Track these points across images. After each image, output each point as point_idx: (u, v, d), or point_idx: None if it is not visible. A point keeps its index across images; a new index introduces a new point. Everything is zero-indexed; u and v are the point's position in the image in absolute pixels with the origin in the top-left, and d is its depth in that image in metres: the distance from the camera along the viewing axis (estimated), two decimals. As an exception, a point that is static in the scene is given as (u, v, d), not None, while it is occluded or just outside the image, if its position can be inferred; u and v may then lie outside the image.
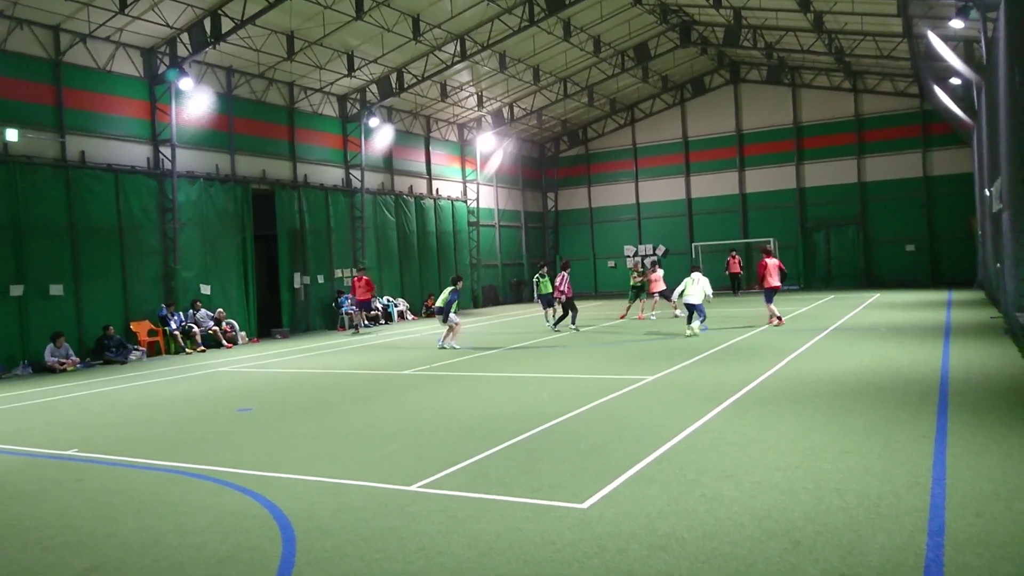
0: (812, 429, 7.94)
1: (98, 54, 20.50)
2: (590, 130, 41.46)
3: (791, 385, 10.60)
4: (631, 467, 6.77)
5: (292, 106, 26.61)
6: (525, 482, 6.53)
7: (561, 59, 30.94)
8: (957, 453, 6.74)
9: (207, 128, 23.51)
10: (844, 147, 35.85)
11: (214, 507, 6.35)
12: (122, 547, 5.50)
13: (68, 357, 18.18)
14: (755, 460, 6.85)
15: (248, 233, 24.38)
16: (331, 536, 5.46)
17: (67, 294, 19.31)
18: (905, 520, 5.17)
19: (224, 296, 23.30)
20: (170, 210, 21.88)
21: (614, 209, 41.40)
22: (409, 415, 10.04)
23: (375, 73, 27.66)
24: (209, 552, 5.29)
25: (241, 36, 22.08)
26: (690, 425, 8.34)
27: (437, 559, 4.94)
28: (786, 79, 36.44)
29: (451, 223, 34.68)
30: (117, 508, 6.51)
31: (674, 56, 34.14)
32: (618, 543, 5.03)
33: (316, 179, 27.48)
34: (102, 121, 20.66)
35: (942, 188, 33.88)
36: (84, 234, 19.84)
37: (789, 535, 5.00)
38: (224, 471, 7.48)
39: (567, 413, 9.38)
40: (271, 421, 10.12)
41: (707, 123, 38.84)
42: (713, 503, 5.71)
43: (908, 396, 9.44)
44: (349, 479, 6.94)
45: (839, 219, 35.78)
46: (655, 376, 11.94)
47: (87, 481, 7.52)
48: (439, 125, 34.36)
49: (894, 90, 34.37)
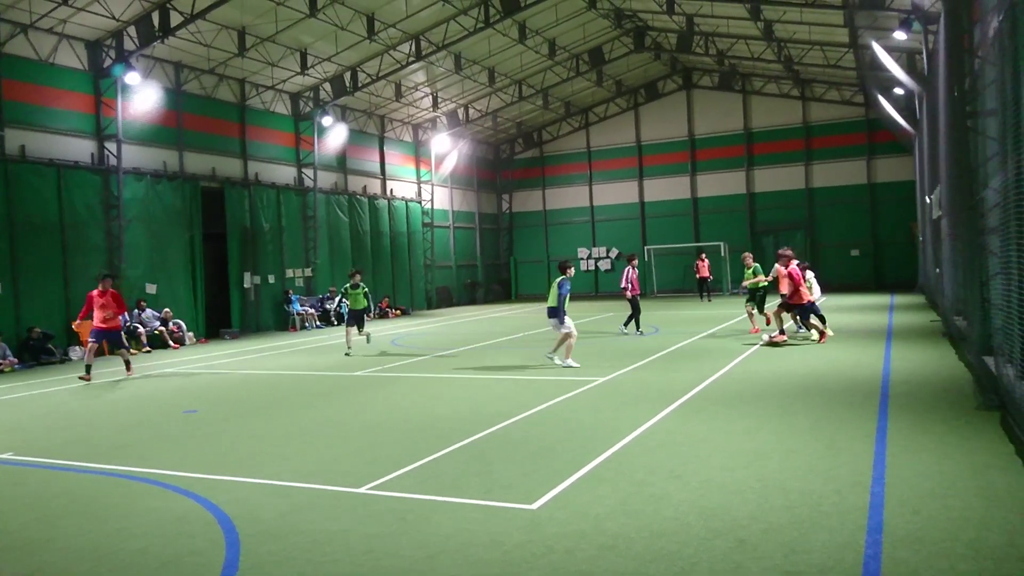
0: (759, 429, 8.08)
1: (40, 46, 19.89)
2: (545, 133, 41.63)
3: (740, 386, 10.78)
4: (581, 468, 6.81)
5: (243, 103, 26.18)
6: (476, 483, 6.52)
7: (516, 61, 31.00)
8: (896, 452, 6.92)
9: (155, 124, 22.98)
10: (792, 153, 36.61)
11: (157, 511, 6.21)
12: (60, 552, 5.34)
13: (5, 357, 17.59)
14: (703, 460, 6.94)
15: (197, 231, 23.90)
16: (277, 539, 5.38)
17: (5, 292, 18.68)
18: (847, 518, 5.29)
19: (171, 295, 22.80)
20: (115, 207, 21.33)
21: (568, 211, 41.62)
22: (360, 416, 9.95)
23: (329, 71, 27.37)
24: (151, 557, 5.17)
25: (191, 31, 21.63)
26: (640, 426, 8.42)
27: (385, 561, 4.90)
28: (737, 86, 37.08)
29: (405, 224, 34.48)
30: (56, 513, 6.32)
31: (628, 61, 34.47)
32: (567, 543, 5.05)
33: (268, 177, 27.08)
34: (44, 115, 20.05)
35: (885, 195, 34.81)
36: (23, 230, 19.21)
37: (734, 533, 5.08)
38: (168, 474, 7.31)
39: (519, 414, 9.39)
40: (218, 423, 9.94)
41: (660, 128, 39.29)
42: (661, 503, 5.77)
43: (852, 397, 9.67)
44: (297, 481, 6.85)
45: (788, 223, 36.50)
46: (607, 377, 12.04)
47: (24, 485, 7.29)
48: (394, 125, 34.14)
49: (840, 98, 35.21)
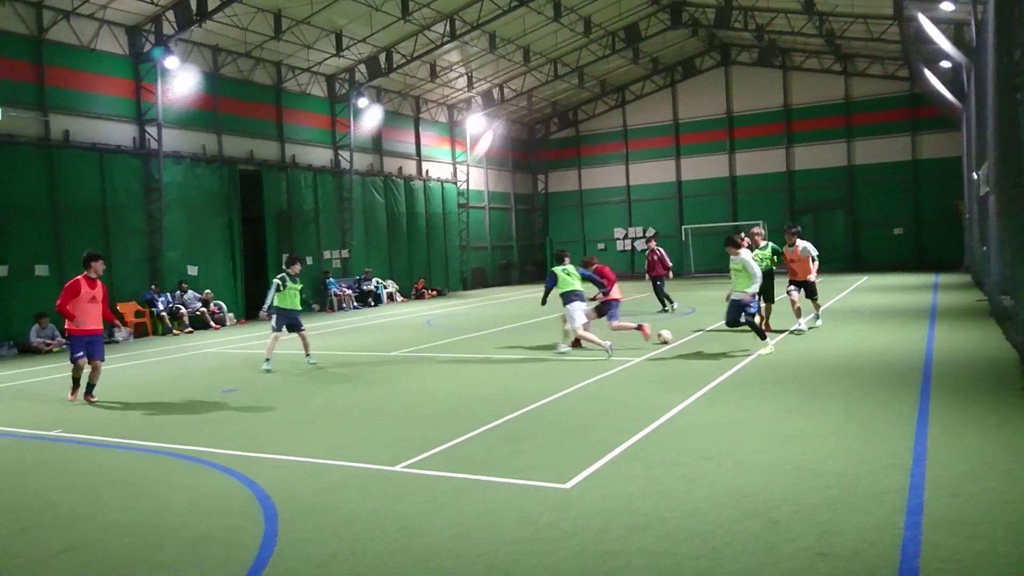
0: (794, 410, 7.98)
1: (82, 31, 20.23)
2: (580, 112, 41.30)
3: (774, 368, 10.64)
4: (613, 448, 6.79)
5: (279, 86, 26.37)
6: (508, 463, 6.54)
7: (551, 40, 30.74)
8: (936, 434, 6.79)
9: (193, 108, 23.28)
10: (833, 130, 35.87)
11: (195, 487, 6.34)
12: (101, 527, 5.48)
13: (53, 338, 18.06)
14: (736, 442, 6.88)
15: (235, 214, 24.22)
16: (313, 516, 5.46)
17: (51, 275, 19.15)
18: (883, 500, 5.20)
19: (211, 277, 23.17)
20: (156, 190, 21.69)
21: (603, 191, 41.35)
22: (394, 396, 10.03)
23: (363, 53, 27.42)
24: (189, 532, 5.28)
25: (227, 14, 21.82)
26: (673, 407, 8.37)
27: (418, 539, 4.95)
28: (776, 61, 36.36)
29: (440, 205, 34.55)
30: (98, 488, 6.49)
31: (665, 37, 33.97)
32: (598, 522, 5.05)
33: (304, 160, 27.29)
34: (86, 100, 20.42)
35: (930, 172, 33.97)
36: (68, 214, 19.66)
37: (767, 514, 5.03)
38: (207, 451, 7.46)
39: (552, 395, 9.39)
40: (255, 402, 10.10)
41: (697, 105, 38.74)
42: (693, 483, 5.74)
43: (890, 378, 9.49)
44: (332, 459, 6.94)
45: (827, 202, 35.84)
46: (640, 359, 11.97)
47: (69, 462, 7.49)
48: (428, 106, 34.14)
49: (884, 73, 34.35)
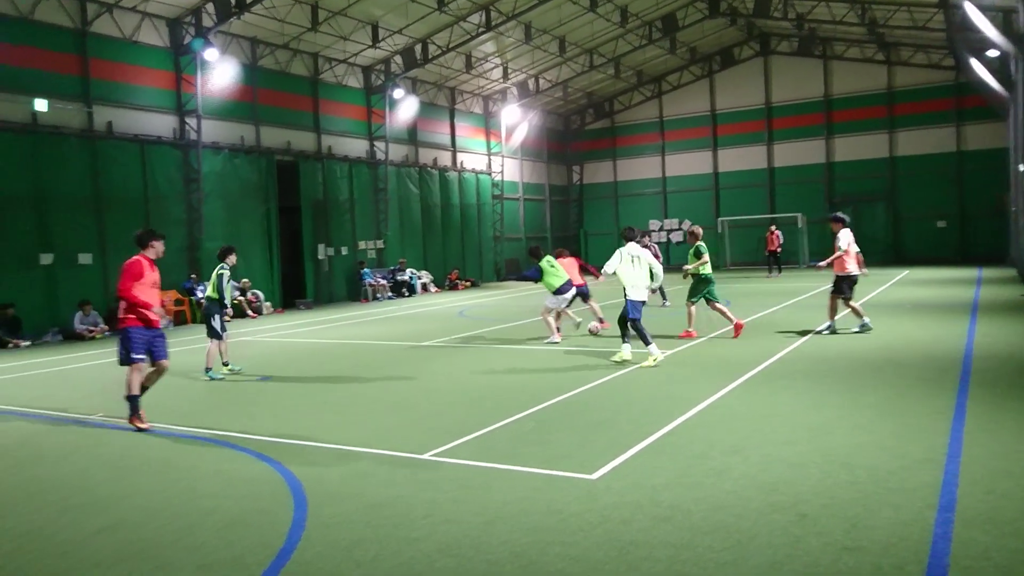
0: (825, 405, 7.88)
1: (124, 24, 20.61)
2: (616, 102, 41.02)
3: (808, 362, 10.51)
4: (640, 440, 6.77)
5: (316, 77, 26.61)
6: (535, 453, 6.56)
7: (587, 30, 30.56)
8: (973, 430, 6.65)
9: (232, 99, 23.60)
10: (875, 120, 35.17)
11: (227, 472, 6.47)
12: (136, 509, 5.62)
13: (96, 325, 18.51)
14: (765, 435, 6.81)
15: (272, 204, 24.54)
16: (341, 502, 5.53)
17: (94, 264, 19.61)
18: (915, 495, 5.12)
19: (248, 267, 23.51)
20: (195, 181, 22.06)
21: (639, 183, 41.07)
22: (424, 385, 10.11)
23: (400, 44, 27.54)
24: (221, 515, 5.39)
25: (265, 6, 22.05)
26: (702, 400, 8.31)
27: (444, 526, 4.99)
28: (817, 51, 35.72)
29: (475, 196, 34.62)
30: (134, 472, 6.65)
31: (703, 27, 33.57)
32: (623, 513, 5.04)
33: (340, 151, 27.53)
34: (128, 91, 20.82)
35: (974, 163, 33.16)
36: (110, 204, 20.10)
37: (795, 508, 4.98)
38: (240, 437, 7.60)
39: (580, 386, 9.38)
40: (288, 389, 10.25)
41: (735, 96, 38.25)
42: (720, 476, 5.70)
43: (928, 373, 9.31)
44: (362, 447, 7.02)
45: (868, 194, 35.19)
46: (673, 350, 11.89)
47: (107, 445, 7.69)
48: (464, 97, 34.19)
49: (928, 62, 33.57)
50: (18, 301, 17.71)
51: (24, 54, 18.44)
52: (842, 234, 12.92)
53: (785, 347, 11.74)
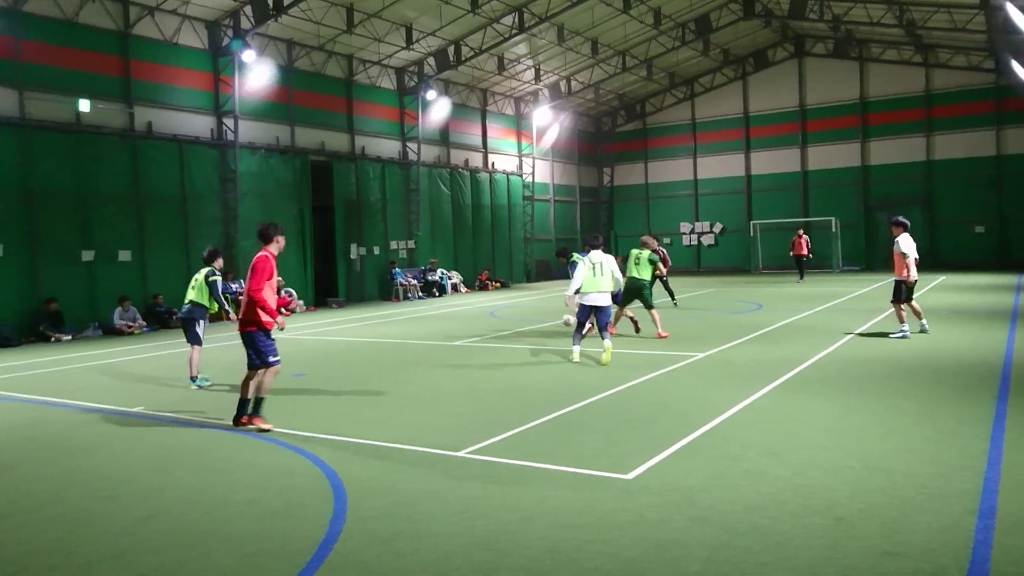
0: (862, 410, 7.82)
1: (165, 26, 20.99)
2: (648, 104, 40.87)
3: (843, 367, 10.42)
4: (675, 442, 6.78)
5: (350, 78, 26.86)
6: (569, 452, 6.60)
7: (620, 32, 30.50)
8: (1014, 437, 6.57)
9: (268, 100, 23.92)
10: (912, 124, 34.65)
11: (265, 465, 6.59)
12: (178, 499, 5.76)
13: (135, 321, 18.87)
14: (800, 438, 6.79)
15: (306, 204, 24.82)
16: (378, 496, 5.62)
17: (133, 261, 20.00)
18: (954, 501, 5.08)
19: (282, 265, 23.60)
20: (231, 180, 22.39)
21: (670, 185, 40.86)
22: (457, 384, 10.19)
23: (433, 46, 27.70)
24: (261, 506, 5.50)
25: (302, 8, 22.32)
26: (737, 403, 8.29)
27: (479, 522, 5.05)
28: (853, 53, 35.28)
29: (505, 197, 34.71)
30: (174, 463, 6.80)
31: (736, 28, 33.34)
32: (659, 513, 5.07)
33: (373, 151, 27.76)
34: (168, 92, 21.19)
35: (1015, 167, 32.51)
36: (149, 202, 20.47)
37: (832, 512, 4.97)
38: (277, 431, 7.72)
39: (614, 387, 9.40)
40: (323, 386, 10.38)
41: (769, 98, 37.92)
42: (756, 478, 5.70)
43: (966, 379, 9.20)
44: (397, 443, 7.11)
45: (904, 198, 34.65)
46: (705, 353, 11.86)
47: (148, 437, 7.86)
48: (495, 98, 34.29)
49: (967, 64, 33.01)
50: (60, 296, 18.12)
51: (69, 56, 18.87)
52: (901, 239, 12.88)
53: (820, 351, 11.65)
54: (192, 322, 10.73)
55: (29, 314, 17.79)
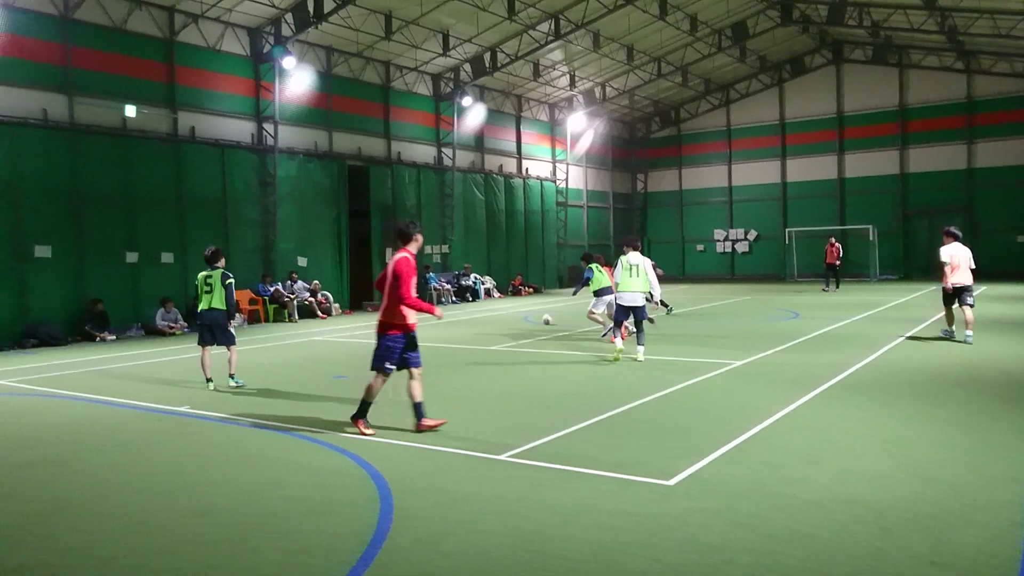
0: (906, 419, 7.76)
1: (208, 34, 21.42)
2: (683, 111, 40.73)
3: (883, 376, 10.33)
4: (715, 448, 6.79)
5: (387, 85, 27.16)
6: (610, 457, 6.64)
7: (656, 38, 30.46)
8: (1061, 450, 6.49)
9: (307, 105, 24.28)
10: (952, 131, 34.12)
11: (311, 464, 6.72)
12: (227, 496, 5.91)
13: (176, 321, 19.24)
14: (842, 447, 6.76)
15: (343, 208, 25.13)
16: (421, 496, 5.72)
17: (175, 262, 20.40)
18: (1000, 513, 5.05)
19: (319, 269, 24.12)
20: (270, 184, 22.76)
21: (705, 191, 40.65)
22: (495, 388, 10.27)
23: (469, 52, 27.91)
24: (309, 504, 5.62)
25: (341, 16, 22.65)
26: (777, 411, 8.26)
27: (520, 523, 5.12)
28: (892, 59, 34.87)
29: (539, 202, 34.79)
30: (221, 461, 6.97)
31: (774, 35, 33.12)
32: (700, 519, 5.10)
33: (408, 156, 28.02)
34: (211, 98, 21.62)
35: (1060, 175, 31.87)
36: (191, 206, 20.88)
37: (876, 521, 4.96)
38: (321, 432, 7.87)
39: (652, 393, 9.42)
40: (363, 388, 10.48)
41: (806, 104, 37.58)
42: (798, 486, 5.70)
43: (1010, 390, 9.08)
44: (439, 445, 7.21)
45: (944, 206, 34.12)
46: (744, 361, 11.82)
47: (195, 435, 8.05)
48: (530, 104, 34.41)
49: (1011, 71, 32.44)
50: (104, 297, 18.55)
51: (116, 62, 19.35)
52: (944, 247, 13.67)
53: (860, 360, 11.55)
54: (221, 326, 10.87)
55: (76, 314, 18.23)
